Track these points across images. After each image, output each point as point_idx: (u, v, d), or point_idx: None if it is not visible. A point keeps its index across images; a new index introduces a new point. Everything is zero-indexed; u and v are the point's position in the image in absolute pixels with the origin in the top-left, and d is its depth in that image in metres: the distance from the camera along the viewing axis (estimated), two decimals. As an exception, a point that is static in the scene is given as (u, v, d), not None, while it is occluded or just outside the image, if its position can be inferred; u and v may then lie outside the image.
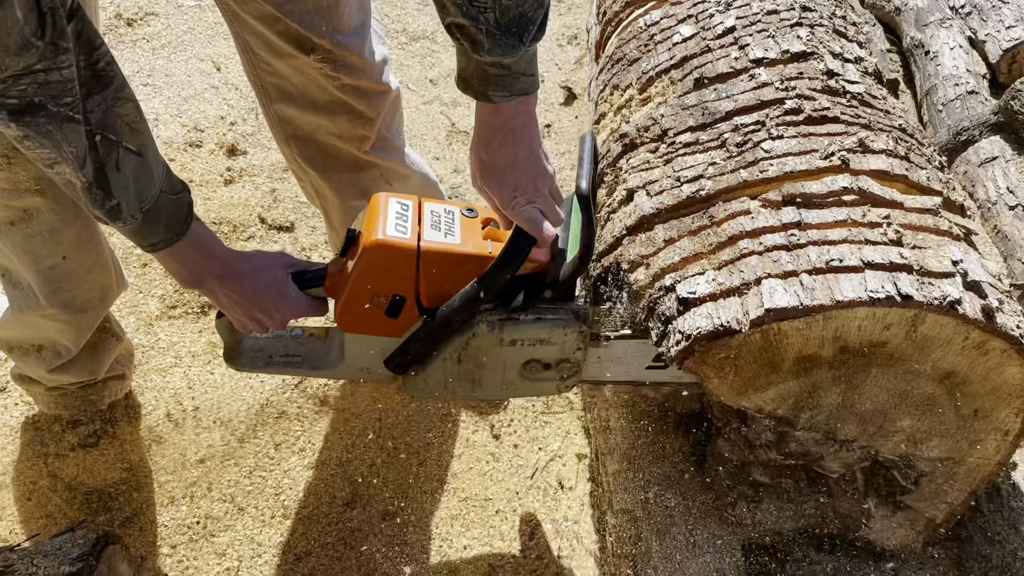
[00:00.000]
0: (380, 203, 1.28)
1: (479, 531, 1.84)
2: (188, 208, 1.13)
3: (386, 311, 1.27)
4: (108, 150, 0.98)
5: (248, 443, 1.94)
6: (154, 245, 1.11)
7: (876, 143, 1.46)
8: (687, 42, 1.83)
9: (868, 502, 1.51)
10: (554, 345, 1.35)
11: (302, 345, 1.41)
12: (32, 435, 1.88)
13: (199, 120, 2.70)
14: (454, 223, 1.30)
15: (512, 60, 1.10)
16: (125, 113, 1.00)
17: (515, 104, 1.17)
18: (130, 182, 1.02)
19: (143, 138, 1.03)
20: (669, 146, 1.60)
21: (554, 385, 1.43)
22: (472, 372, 1.37)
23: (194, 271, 1.17)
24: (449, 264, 1.25)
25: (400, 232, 1.22)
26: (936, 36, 2.96)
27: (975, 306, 1.22)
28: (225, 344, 1.40)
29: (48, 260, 1.47)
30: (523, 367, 1.38)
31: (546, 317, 1.32)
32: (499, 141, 1.18)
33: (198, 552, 1.77)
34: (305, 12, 1.43)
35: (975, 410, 1.33)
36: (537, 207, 1.21)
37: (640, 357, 1.44)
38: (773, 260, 1.28)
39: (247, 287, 1.22)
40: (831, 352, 1.28)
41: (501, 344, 1.32)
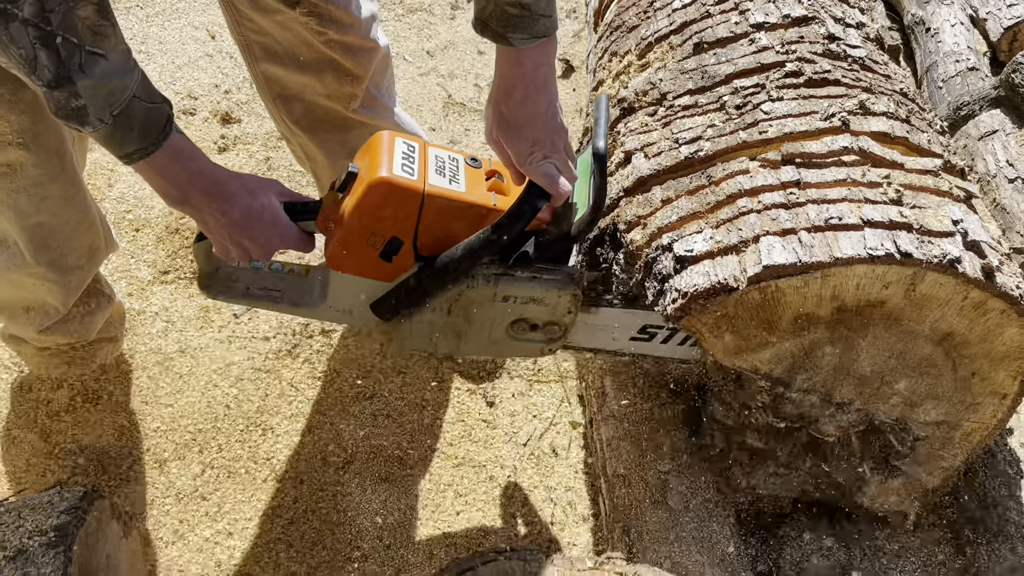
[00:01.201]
0: (385, 140, 1.23)
1: (473, 497, 1.83)
2: (167, 119, 1.07)
3: (381, 253, 1.23)
4: (71, 52, 0.95)
5: (240, 407, 1.93)
6: (130, 156, 1.05)
7: (877, 105, 1.44)
8: (687, 8, 1.81)
9: (863, 467, 1.50)
10: (546, 306, 1.32)
11: (282, 280, 1.34)
12: (21, 395, 1.86)
13: (193, 88, 2.67)
14: (459, 171, 1.26)
15: (531, 0, 1.08)
16: (85, 15, 0.96)
17: (537, 54, 1.14)
18: (97, 85, 0.98)
19: (110, 41, 0.99)
20: (668, 109, 1.59)
21: (539, 347, 1.41)
22: (460, 325, 1.34)
23: (179, 186, 1.11)
24: (452, 212, 1.22)
25: (407, 173, 1.18)
26: (937, 13, 2.95)
27: (975, 265, 1.20)
28: (200, 270, 1.34)
29: (33, 217, 1.44)
30: (511, 326, 1.36)
31: (542, 277, 1.29)
32: (520, 94, 1.15)
33: (189, 514, 1.76)
34: None
35: (973, 372, 1.32)
36: (553, 162, 1.18)
37: (627, 327, 1.42)
38: (772, 218, 1.27)
39: (237, 209, 1.15)
40: (829, 311, 1.27)
41: (494, 299, 1.30)
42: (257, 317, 2.09)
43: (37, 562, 1.16)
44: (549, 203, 1.21)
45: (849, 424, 1.44)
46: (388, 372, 2.02)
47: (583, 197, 1.29)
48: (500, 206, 1.24)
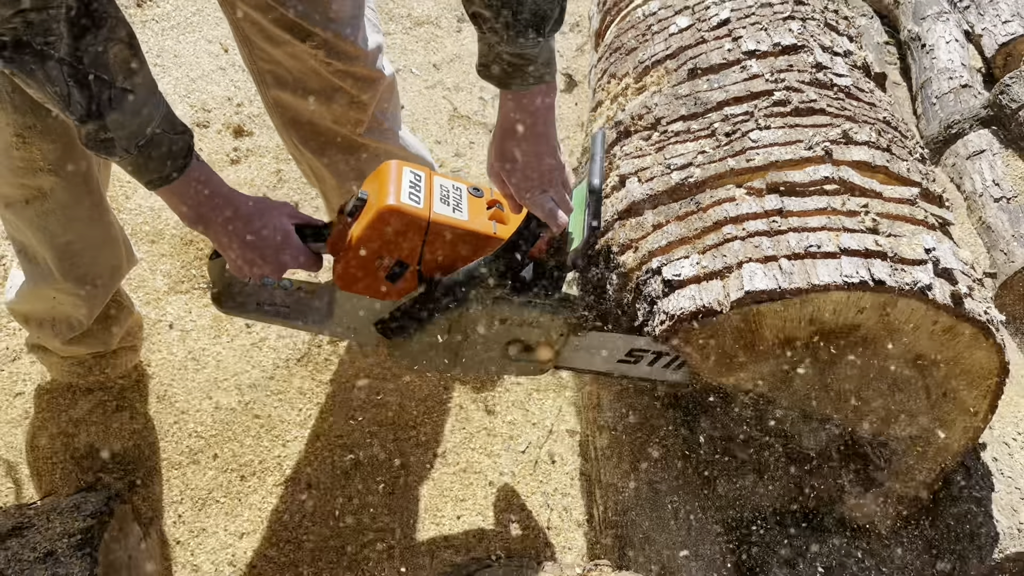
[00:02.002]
0: (393, 170, 1.32)
1: (472, 502, 1.92)
2: (188, 148, 1.15)
3: (387, 275, 1.31)
4: (101, 88, 1.01)
5: (252, 413, 2.01)
6: (152, 182, 1.13)
7: (859, 135, 1.51)
8: (683, 33, 1.88)
9: (843, 479, 1.58)
10: (540, 329, 1.41)
11: (290, 296, 1.43)
12: (46, 402, 1.95)
13: (206, 100, 2.76)
14: (462, 200, 1.35)
15: (531, 51, 1.15)
16: (117, 53, 1.02)
17: (538, 99, 1.22)
18: (125, 119, 1.05)
19: (138, 78, 1.06)
20: (661, 134, 1.66)
21: (531, 367, 1.50)
22: (457, 345, 1.42)
23: (196, 209, 1.19)
24: (455, 239, 1.30)
25: (414, 201, 1.27)
26: (932, 30, 3.01)
27: (944, 292, 1.28)
28: (214, 286, 1.42)
29: (62, 236, 1.53)
30: (505, 346, 1.44)
31: (537, 301, 1.38)
32: (521, 135, 1.23)
33: (204, 516, 1.85)
34: (300, 2, 1.48)
35: (944, 392, 1.40)
36: (551, 196, 1.26)
37: (615, 351, 1.50)
38: (754, 245, 1.34)
39: (252, 230, 1.23)
40: (807, 334, 1.34)
41: (491, 321, 1.38)
42: (268, 327, 2.17)
43: (66, 563, 1.25)
44: (547, 233, 1.29)
45: (828, 438, 1.52)
46: (392, 381, 2.10)
47: (578, 228, 1.38)
48: (500, 234, 1.33)
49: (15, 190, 1.45)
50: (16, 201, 1.48)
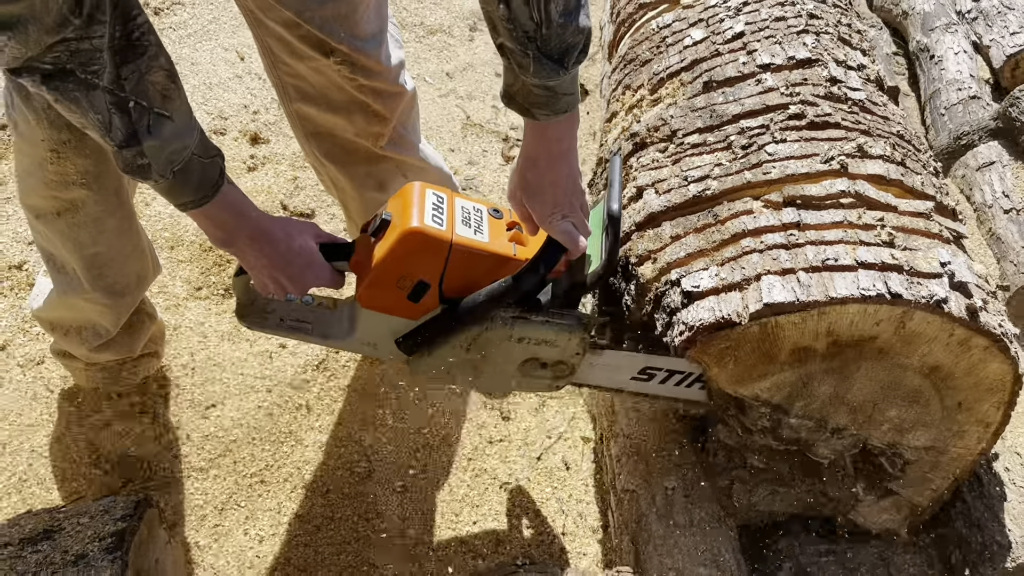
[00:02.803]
0: (415, 192, 1.35)
1: (487, 508, 1.94)
2: (220, 172, 1.18)
3: (408, 294, 1.34)
4: (140, 115, 1.04)
5: (271, 419, 2.04)
6: (184, 204, 1.16)
7: (874, 149, 1.54)
8: (697, 45, 1.90)
9: (857, 487, 1.60)
10: (557, 347, 1.44)
11: (312, 312, 1.47)
12: (70, 406, 1.98)
13: (223, 108, 2.79)
14: (483, 222, 1.38)
15: (555, 83, 1.17)
16: (157, 80, 1.05)
17: (561, 128, 1.24)
18: (162, 145, 1.07)
19: (175, 104, 1.09)
20: (678, 146, 1.69)
21: (547, 383, 1.53)
22: (476, 362, 1.46)
23: (227, 231, 1.23)
24: (476, 260, 1.33)
25: (436, 223, 1.30)
26: (941, 41, 3.03)
27: (960, 305, 1.30)
28: (238, 301, 1.45)
29: (91, 248, 1.56)
30: (523, 364, 1.47)
31: (555, 321, 1.41)
32: (544, 163, 1.26)
33: (224, 520, 1.88)
34: (325, 19, 1.51)
35: (959, 403, 1.42)
36: (571, 221, 1.30)
37: (629, 368, 1.53)
38: (772, 258, 1.37)
39: (278, 251, 1.27)
40: (824, 345, 1.37)
41: (510, 340, 1.41)
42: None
43: (97, 566, 1.27)
44: (566, 256, 1.33)
45: (843, 448, 1.54)
46: (409, 388, 2.13)
47: (595, 250, 1.42)
48: (520, 256, 1.36)
49: (47, 202, 1.48)
50: (47, 213, 1.50)
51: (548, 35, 1.11)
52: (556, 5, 1.09)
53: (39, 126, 1.36)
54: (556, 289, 1.41)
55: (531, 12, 1.08)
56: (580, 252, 1.33)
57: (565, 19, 1.11)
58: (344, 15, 1.53)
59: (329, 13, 1.51)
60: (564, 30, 1.11)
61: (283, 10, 1.49)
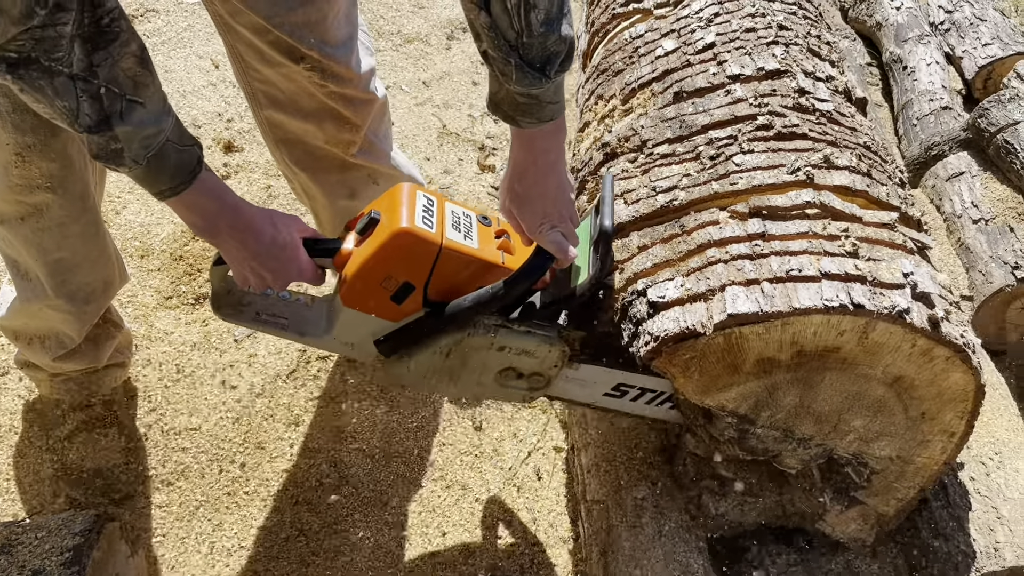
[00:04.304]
0: (405, 192, 1.33)
1: (458, 518, 1.93)
2: (197, 159, 1.15)
3: (392, 295, 1.32)
4: (112, 102, 1.02)
5: (240, 430, 2.02)
6: (162, 192, 1.14)
7: (840, 159, 1.55)
8: (669, 56, 1.91)
9: (824, 497, 1.60)
10: (536, 359, 1.43)
11: (289, 308, 1.43)
12: (34, 418, 1.96)
13: (197, 116, 2.78)
14: (472, 228, 1.37)
15: (539, 91, 1.17)
16: (128, 67, 1.03)
17: (547, 139, 1.25)
18: (135, 130, 1.05)
19: (148, 91, 1.06)
20: (647, 156, 1.69)
21: (522, 394, 1.52)
22: (454, 368, 1.44)
23: (208, 220, 1.20)
24: (464, 265, 1.32)
25: (427, 225, 1.28)
26: (914, 52, 3.06)
27: (922, 316, 1.31)
28: (214, 291, 1.42)
29: (55, 253, 1.54)
30: (500, 372, 1.46)
31: (537, 332, 1.40)
32: (532, 174, 1.27)
33: (191, 532, 1.85)
34: (295, 25, 1.50)
35: (922, 412, 1.43)
36: (560, 231, 1.30)
37: (602, 384, 1.54)
38: (737, 268, 1.37)
39: (261, 243, 1.24)
40: (789, 355, 1.37)
41: (490, 348, 1.40)
42: (257, 343, 2.18)
43: (54, 581, 1.26)
44: (554, 265, 1.33)
45: (810, 458, 1.54)
46: (380, 397, 2.12)
47: (584, 263, 1.42)
48: (507, 264, 1.35)
49: (11, 207, 1.47)
50: (11, 218, 1.49)
51: (530, 43, 1.11)
52: (537, 14, 1.09)
53: (3, 130, 1.34)
54: (541, 300, 1.41)
55: (512, 20, 1.08)
56: (569, 262, 1.33)
57: (546, 28, 1.10)
58: (314, 21, 1.52)
59: (299, 19, 1.50)
60: (546, 39, 1.11)
61: (253, 15, 1.48)
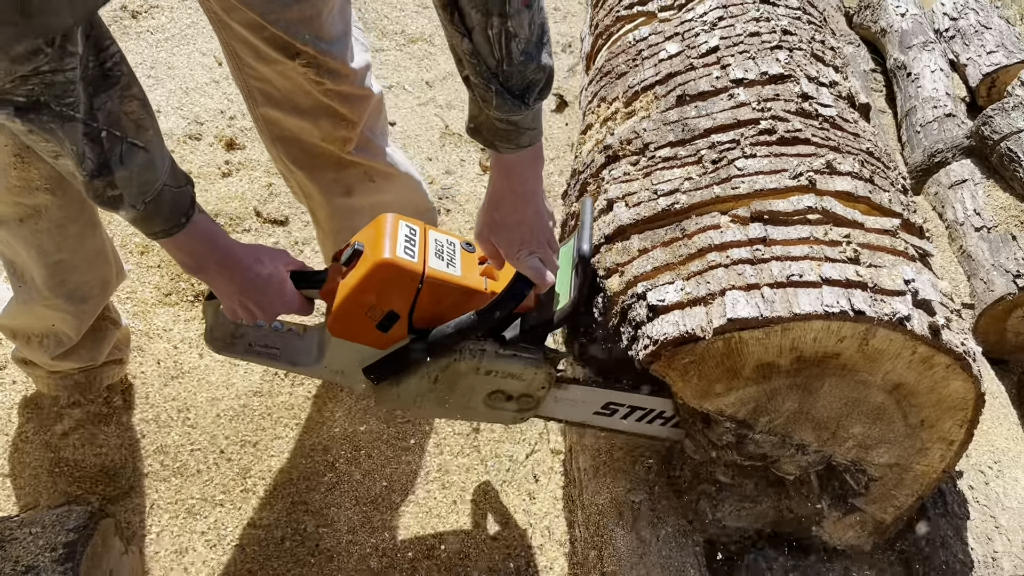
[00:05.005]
0: (388, 223, 1.36)
1: (455, 519, 1.92)
2: (191, 201, 1.17)
3: (378, 324, 1.35)
4: (113, 145, 1.03)
5: (237, 428, 2.02)
6: (156, 234, 1.16)
7: (843, 165, 1.54)
8: (672, 59, 1.90)
9: (822, 503, 1.59)
10: (523, 381, 1.46)
11: (281, 338, 1.47)
12: (31, 414, 1.95)
13: (199, 113, 2.77)
14: (455, 255, 1.40)
15: (518, 118, 1.18)
16: (131, 111, 1.04)
17: (525, 167, 1.27)
18: (134, 175, 1.06)
19: (148, 134, 1.07)
20: (649, 159, 1.68)
21: (511, 415, 1.54)
22: (443, 393, 1.46)
23: (197, 259, 1.23)
24: (447, 293, 1.35)
25: (408, 255, 1.31)
26: (918, 59, 3.06)
27: (923, 323, 1.30)
28: (207, 326, 1.45)
29: (55, 255, 1.55)
30: (488, 396, 1.48)
31: (522, 355, 1.43)
32: (510, 202, 1.29)
33: (187, 530, 1.85)
34: (289, 21, 1.51)
35: (922, 420, 1.42)
36: (539, 257, 1.32)
37: (592, 403, 1.55)
38: (738, 273, 1.37)
39: (247, 277, 1.27)
40: (788, 361, 1.36)
41: (477, 372, 1.43)
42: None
43: (47, 577, 1.25)
44: (534, 291, 1.35)
45: (808, 464, 1.54)
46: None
47: (564, 287, 1.45)
48: (490, 290, 1.38)
49: (10, 208, 1.47)
50: (10, 219, 1.49)
51: (510, 72, 1.12)
52: (518, 43, 1.10)
53: (0, 132, 1.34)
54: (524, 324, 1.43)
55: (493, 49, 1.09)
56: (547, 287, 1.35)
57: (526, 57, 1.12)
58: (309, 17, 1.53)
59: (294, 15, 1.51)
60: (525, 67, 1.13)
61: (247, 12, 1.48)
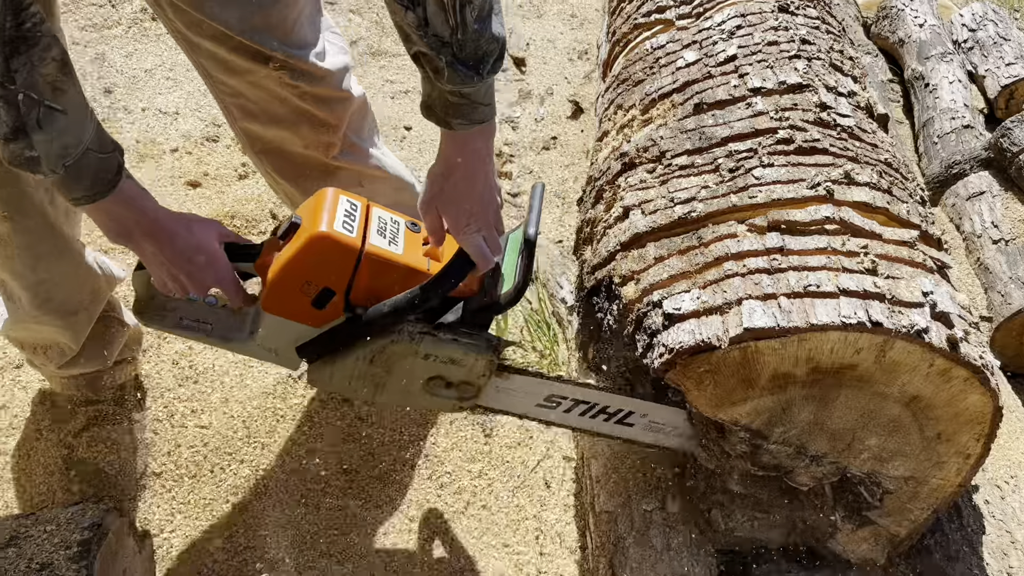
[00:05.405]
0: (328, 197, 1.31)
1: (466, 524, 1.92)
2: (117, 167, 1.13)
3: (312, 301, 1.30)
4: (29, 108, 0.99)
5: (250, 429, 2.03)
6: (77, 200, 1.12)
7: (861, 176, 1.53)
8: (690, 67, 1.90)
9: (836, 515, 1.58)
10: (463, 367, 1.41)
11: (213, 313, 1.40)
12: (47, 411, 1.97)
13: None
14: (399, 233, 1.36)
15: (471, 90, 1.16)
16: (48, 72, 1.00)
17: (476, 139, 1.24)
18: (53, 139, 1.03)
19: (68, 96, 1.04)
20: (666, 167, 1.68)
21: (451, 403, 1.49)
22: (379, 375, 1.41)
23: (122, 225, 1.18)
24: (386, 271, 1.30)
25: (347, 230, 1.27)
26: (936, 69, 3.05)
27: (941, 335, 1.29)
28: (137, 297, 1.40)
29: (31, 276, 1.54)
30: (427, 381, 1.43)
31: (463, 340, 1.38)
32: (460, 174, 1.25)
33: (199, 530, 1.85)
34: (255, 30, 1.48)
35: (938, 433, 1.41)
36: (483, 235, 1.28)
37: (534, 395, 1.51)
38: (755, 282, 1.36)
39: (176, 248, 1.22)
40: (804, 371, 1.36)
41: (415, 355, 1.38)
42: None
43: (62, 575, 1.26)
44: (475, 273, 1.31)
45: (823, 475, 1.53)
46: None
47: (510, 272, 1.39)
48: (433, 271, 1.34)
49: None
50: None
51: (464, 40, 1.11)
52: (471, 11, 1.09)
53: None
54: (467, 308, 1.38)
55: (447, 16, 1.09)
56: (487, 268, 1.31)
57: (480, 25, 1.11)
58: (275, 24, 1.51)
59: (259, 23, 1.48)
60: (479, 36, 1.12)
61: (213, 24, 1.45)
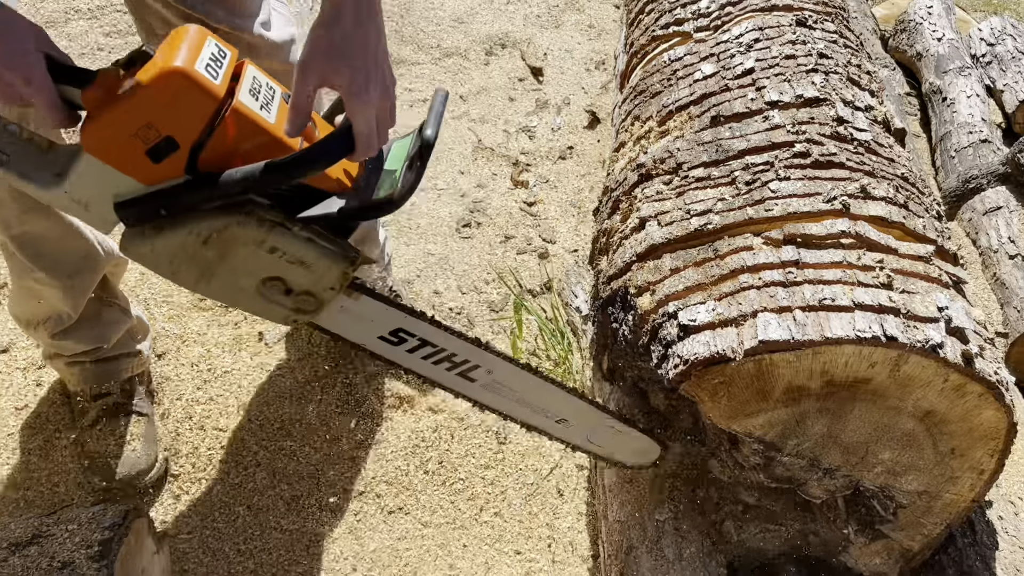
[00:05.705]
0: (192, 33, 1.09)
1: (479, 531, 1.94)
2: None
3: (148, 150, 1.07)
4: None
5: (266, 432, 2.05)
6: None
7: (877, 190, 1.54)
8: (707, 80, 1.91)
9: (848, 529, 1.59)
10: (312, 274, 1.19)
11: (13, 141, 1.13)
12: (62, 413, 2.00)
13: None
14: (273, 101, 1.15)
15: None
16: None
17: None
18: None
19: None
20: (682, 179, 1.69)
21: (283, 313, 1.27)
22: (209, 261, 1.18)
23: None
24: (250, 135, 1.10)
25: (210, 74, 1.06)
26: (954, 83, 3.05)
27: (956, 351, 1.30)
28: None
29: (16, 228, 1.56)
30: (264, 281, 1.21)
31: (319, 242, 1.17)
32: (350, 20, 1.08)
33: (216, 532, 1.88)
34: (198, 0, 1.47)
35: (952, 448, 1.41)
36: (375, 115, 1.09)
37: (380, 325, 1.33)
38: (770, 295, 1.37)
39: None
40: (819, 385, 1.36)
41: (260, 246, 1.16)
42: (288, 347, 2.21)
43: (83, 574, 1.28)
44: (352, 158, 1.11)
45: (835, 488, 1.53)
46: (406, 407, 2.13)
47: (396, 174, 1.18)
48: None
49: None
50: None
51: None
52: None
53: None
54: (332, 207, 1.18)
55: None
56: (368, 153, 1.11)
57: None
58: None
59: None
60: None
61: None
